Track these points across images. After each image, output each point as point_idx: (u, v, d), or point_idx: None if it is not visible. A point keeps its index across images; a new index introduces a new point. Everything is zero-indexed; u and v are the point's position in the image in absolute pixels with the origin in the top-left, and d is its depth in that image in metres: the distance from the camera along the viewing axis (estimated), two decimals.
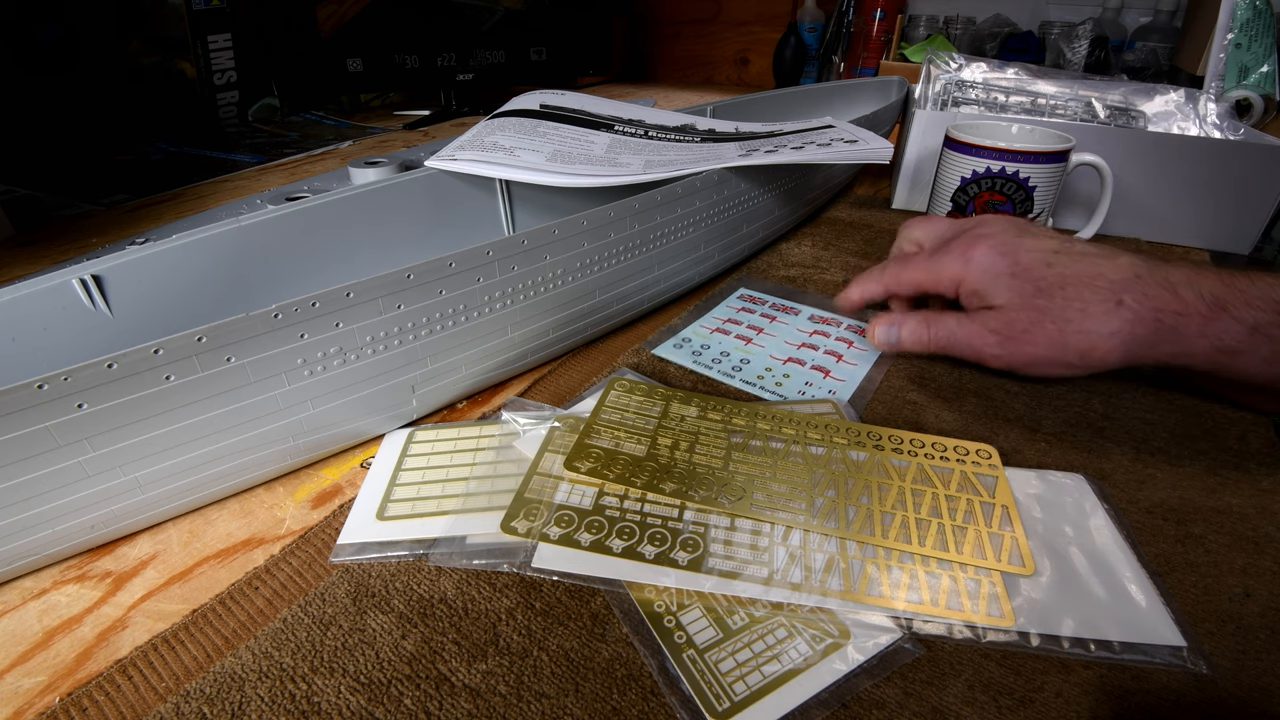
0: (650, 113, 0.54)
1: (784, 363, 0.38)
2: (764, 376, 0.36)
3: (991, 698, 0.20)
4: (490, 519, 0.26)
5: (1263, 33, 0.68)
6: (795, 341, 0.40)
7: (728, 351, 0.39)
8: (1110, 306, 0.30)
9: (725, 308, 0.44)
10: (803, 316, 0.43)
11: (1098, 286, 0.30)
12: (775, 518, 0.26)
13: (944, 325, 0.34)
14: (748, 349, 0.39)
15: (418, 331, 0.29)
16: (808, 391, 0.35)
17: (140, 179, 0.73)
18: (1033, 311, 0.31)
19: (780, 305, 0.44)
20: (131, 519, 0.26)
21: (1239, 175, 0.52)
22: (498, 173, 0.43)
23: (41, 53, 0.81)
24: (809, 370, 0.37)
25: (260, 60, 0.97)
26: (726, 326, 0.41)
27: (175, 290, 0.33)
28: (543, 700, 0.20)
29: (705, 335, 0.40)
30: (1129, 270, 0.30)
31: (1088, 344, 0.30)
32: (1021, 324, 0.32)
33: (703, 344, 0.39)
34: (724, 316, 0.43)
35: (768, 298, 0.45)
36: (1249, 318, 0.28)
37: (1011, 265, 0.32)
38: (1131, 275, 0.30)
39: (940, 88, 0.69)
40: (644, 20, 1.42)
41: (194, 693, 0.20)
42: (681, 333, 0.40)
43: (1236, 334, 0.28)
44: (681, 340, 0.40)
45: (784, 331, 0.41)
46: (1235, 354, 0.28)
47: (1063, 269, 0.31)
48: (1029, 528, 0.26)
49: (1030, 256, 0.32)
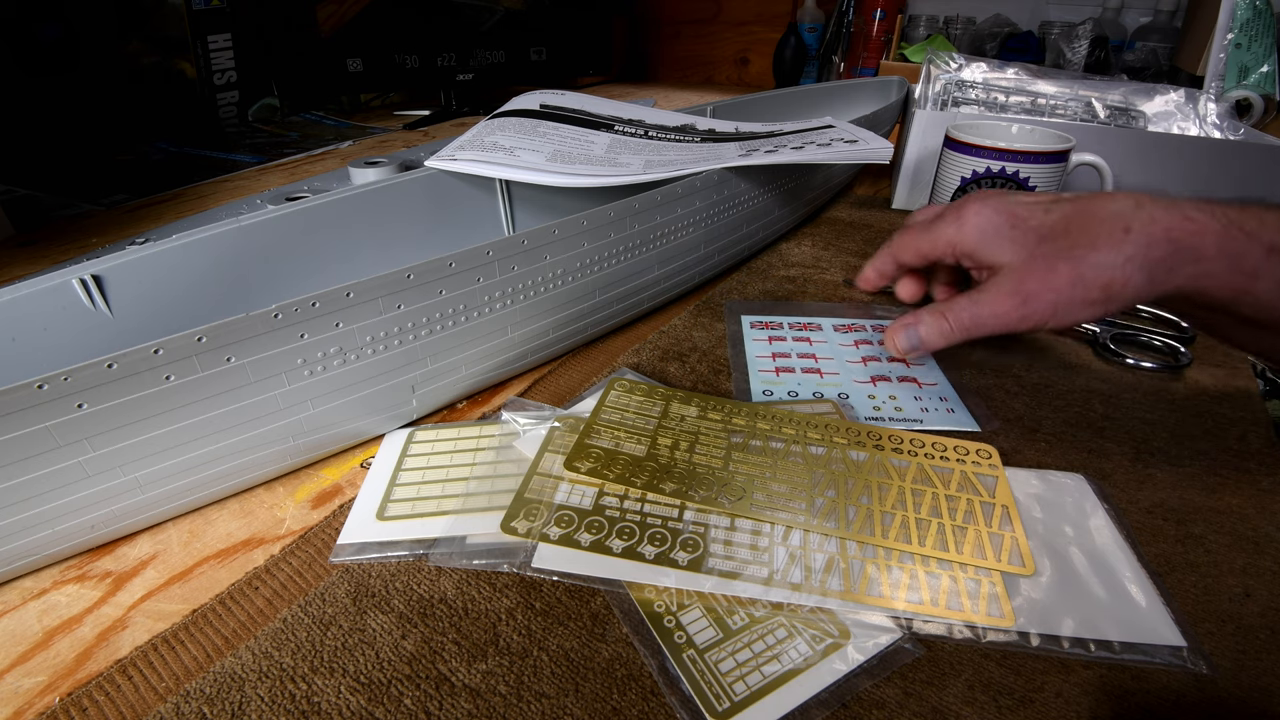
0: (650, 113, 0.54)
1: (873, 384, 0.36)
2: (881, 407, 0.34)
3: (991, 698, 0.20)
4: (490, 519, 0.26)
5: (1263, 33, 0.68)
6: (854, 359, 0.38)
7: (820, 392, 0.35)
8: (1119, 235, 0.29)
9: (754, 344, 0.40)
10: (828, 330, 0.41)
11: (1100, 219, 0.29)
12: (775, 518, 0.26)
13: (960, 310, 0.33)
14: (829, 381, 0.36)
15: (418, 331, 0.29)
16: (928, 407, 0.34)
17: (140, 179, 0.73)
18: (1041, 260, 0.30)
19: (797, 325, 0.42)
20: (131, 519, 0.26)
21: (1239, 175, 0.52)
22: (498, 173, 0.43)
23: (41, 53, 0.81)
24: (898, 384, 0.36)
25: (260, 60, 0.97)
26: (783, 364, 0.38)
27: (175, 290, 0.33)
28: (543, 700, 0.20)
29: (776, 379, 0.36)
30: (1129, 200, 0.29)
31: (1106, 276, 0.29)
32: (1035, 276, 0.30)
33: (789, 391, 0.35)
34: (766, 353, 0.39)
35: (778, 319, 0.43)
36: (1266, 237, 0.27)
37: (1009, 218, 0.31)
38: (1133, 204, 0.29)
39: (940, 88, 0.69)
40: (644, 20, 1.42)
41: (194, 693, 0.20)
42: (754, 386, 0.35)
43: (1255, 254, 0.27)
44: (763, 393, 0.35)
45: (833, 351, 0.39)
46: (1253, 276, 0.27)
47: (1061, 212, 0.30)
48: (1029, 528, 0.26)
49: (1025, 209, 0.31)
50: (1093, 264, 0.29)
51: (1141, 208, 0.29)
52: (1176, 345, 0.39)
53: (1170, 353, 0.39)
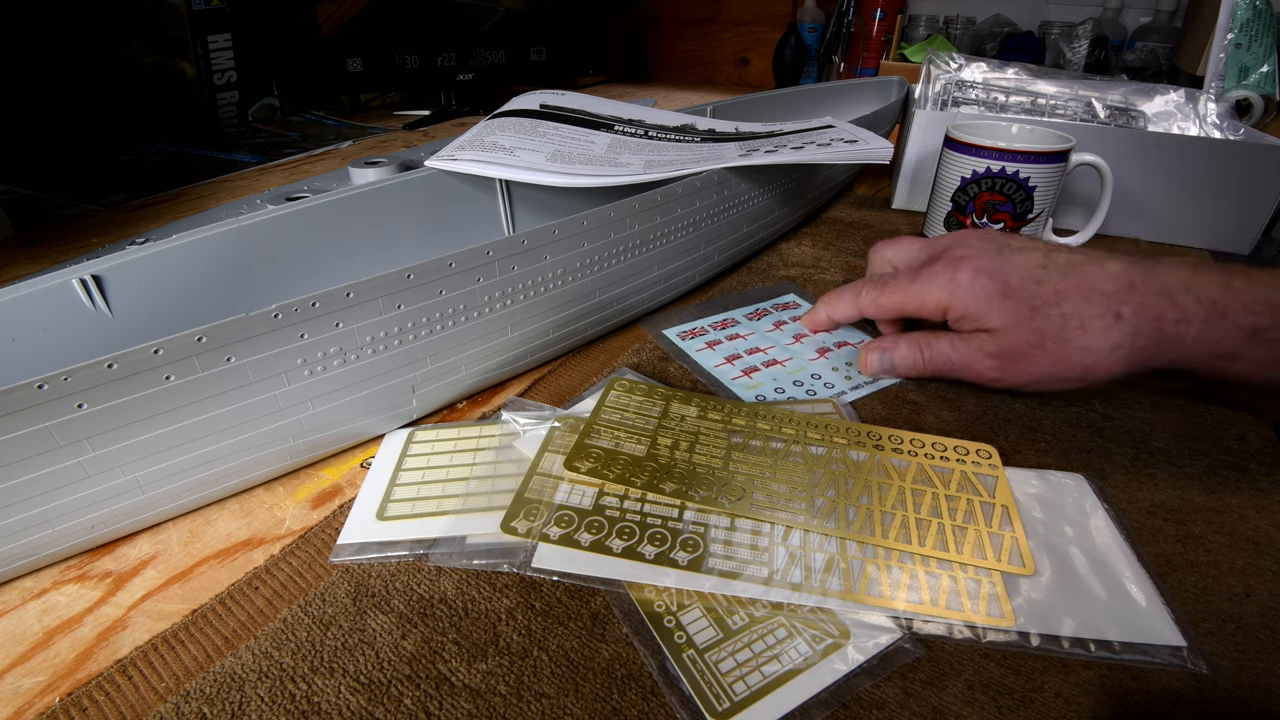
0: (650, 113, 0.54)
1: (823, 355, 0.38)
2: (850, 376, 0.36)
3: (991, 698, 0.20)
4: (490, 519, 0.26)
5: (1263, 33, 0.68)
6: (788, 340, 0.40)
7: (799, 381, 0.36)
8: (1109, 321, 0.29)
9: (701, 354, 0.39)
10: (743, 322, 0.42)
11: (1093, 300, 0.29)
12: (775, 518, 0.26)
13: (938, 349, 0.34)
14: (791, 368, 0.37)
15: (418, 331, 0.29)
16: None
17: (140, 179, 0.73)
18: (1030, 334, 0.30)
19: (717, 323, 0.42)
20: (131, 519, 0.26)
21: (1239, 175, 0.52)
22: (498, 173, 0.43)
23: (42, 53, 0.81)
24: (840, 350, 0.38)
25: (260, 60, 0.97)
26: (745, 365, 0.37)
27: (175, 290, 0.33)
28: (543, 700, 0.20)
29: (751, 382, 0.36)
30: (1123, 279, 0.29)
31: (1089, 360, 0.30)
32: (1020, 347, 0.31)
33: (775, 388, 0.35)
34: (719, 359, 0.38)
35: (696, 324, 0.42)
36: (1247, 322, 0.27)
37: (1001, 286, 0.31)
38: (1126, 285, 0.29)
39: (940, 88, 0.69)
40: (644, 20, 1.42)
41: (194, 693, 0.20)
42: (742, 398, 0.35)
43: (1235, 339, 0.27)
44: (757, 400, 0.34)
45: (769, 339, 0.40)
46: (1233, 358, 0.28)
47: (1055, 284, 0.30)
48: (1029, 528, 0.26)
49: (1019, 275, 0.31)
50: (1079, 348, 0.30)
51: (1134, 290, 0.29)
52: None
53: None
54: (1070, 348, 0.30)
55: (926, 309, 0.33)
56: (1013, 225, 0.49)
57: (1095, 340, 0.29)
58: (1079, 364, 0.30)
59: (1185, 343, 0.28)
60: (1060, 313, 0.30)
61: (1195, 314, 0.28)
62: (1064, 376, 0.31)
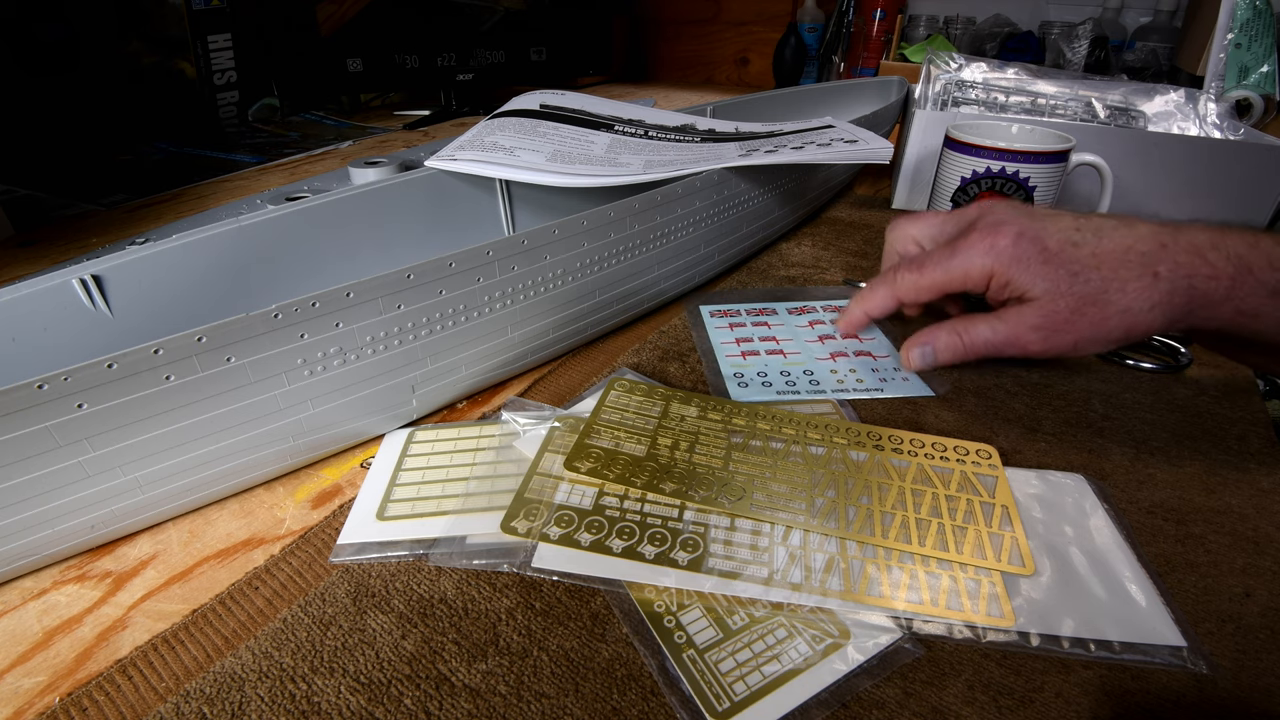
0: (650, 113, 0.54)
1: (833, 359, 0.38)
2: (845, 380, 0.36)
3: (991, 698, 0.20)
4: (490, 519, 0.26)
5: (1263, 33, 0.68)
6: (811, 338, 0.40)
7: (785, 371, 0.37)
8: (1148, 281, 0.29)
9: (717, 331, 0.41)
10: (783, 314, 0.43)
11: (1130, 262, 0.29)
12: (775, 518, 0.26)
13: (977, 332, 0.33)
14: (793, 361, 0.38)
15: (418, 331, 0.29)
16: (885, 377, 0.36)
17: (140, 179, 0.73)
18: (1072, 299, 0.30)
19: (754, 310, 0.43)
20: (131, 519, 0.26)
21: (1239, 175, 0.52)
22: (498, 173, 0.43)
23: (42, 53, 0.81)
24: (856, 359, 0.38)
25: (260, 60, 0.97)
26: (747, 347, 0.39)
27: (175, 290, 0.33)
28: (543, 700, 0.20)
29: (743, 362, 0.37)
30: (1154, 240, 0.29)
31: (1130, 321, 0.30)
32: (1063, 314, 0.31)
33: (758, 372, 0.36)
34: (729, 339, 0.40)
35: (734, 307, 0.44)
36: (1271, 279, 0.27)
37: (1041, 251, 0.31)
38: (1158, 245, 0.29)
39: (940, 88, 0.69)
40: (644, 20, 1.42)
41: (194, 693, 0.20)
42: (725, 371, 0.36)
43: (1258, 297, 0.28)
44: (738, 377, 0.36)
45: (791, 333, 0.41)
46: (1255, 316, 0.28)
47: (1091, 247, 0.30)
48: (1029, 528, 0.26)
49: (1055, 239, 0.31)
50: (1120, 308, 0.30)
51: (1166, 249, 0.29)
52: (1176, 345, 0.39)
53: (1170, 353, 0.39)
54: (1110, 310, 0.30)
55: (971, 280, 0.32)
56: None
57: (1135, 301, 0.29)
58: (1120, 325, 0.30)
59: (1215, 299, 0.28)
60: (1100, 275, 0.30)
61: (1224, 270, 0.28)
62: (1106, 338, 0.30)
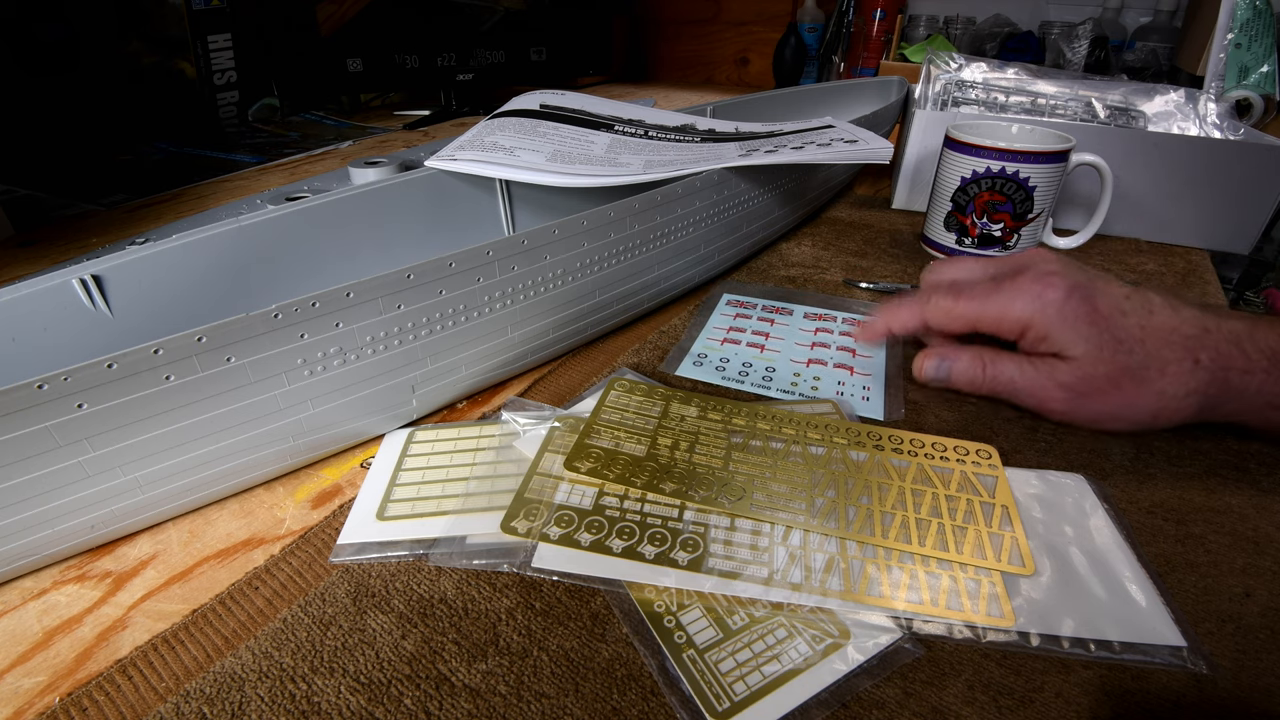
0: (650, 113, 0.54)
1: (806, 365, 0.38)
2: (797, 382, 0.36)
3: (991, 698, 0.20)
4: (490, 519, 0.26)
5: (1263, 33, 0.68)
6: (804, 342, 0.40)
7: (749, 362, 0.38)
8: (1189, 366, 0.28)
9: (720, 316, 0.43)
10: (797, 316, 0.43)
11: (1174, 343, 0.28)
12: (775, 518, 0.26)
13: (1003, 369, 0.31)
14: (766, 356, 0.38)
15: (418, 331, 0.29)
16: (845, 390, 0.35)
17: (140, 179, 0.73)
18: (1110, 368, 0.29)
19: (770, 307, 0.44)
20: (131, 519, 0.26)
21: (1239, 175, 0.52)
22: (498, 173, 0.43)
23: (42, 53, 0.81)
24: (833, 369, 0.37)
25: (260, 60, 0.97)
26: (733, 336, 0.40)
27: (175, 290, 0.33)
28: (543, 700, 0.20)
29: (718, 347, 0.39)
30: (1198, 324, 0.29)
31: (1160, 405, 0.29)
32: (1098, 380, 0.29)
33: (721, 357, 0.38)
34: (725, 325, 0.41)
35: (755, 300, 0.45)
36: None
37: (1090, 311, 0.29)
38: (1201, 330, 0.28)
39: (940, 88, 0.69)
40: (644, 20, 1.42)
41: (194, 693, 0.20)
42: (693, 349, 0.39)
43: None
44: (698, 357, 0.38)
45: (788, 334, 0.41)
46: None
47: (1140, 319, 0.29)
48: (1029, 528, 0.26)
49: (1106, 302, 0.29)
50: (1156, 391, 0.29)
51: (1209, 335, 0.28)
52: None
53: None
54: (1147, 389, 0.29)
55: (1006, 323, 0.31)
56: (1012, 225, 0.49)
57: (1172, 385, 0.28)
58: (1150, 407, 0.29)
59: (1247, 393, 0.28)
60: (1145, 351, 0.29)
61: (1259, 364, 0.28)
62: (1132, 418, 0.30)
